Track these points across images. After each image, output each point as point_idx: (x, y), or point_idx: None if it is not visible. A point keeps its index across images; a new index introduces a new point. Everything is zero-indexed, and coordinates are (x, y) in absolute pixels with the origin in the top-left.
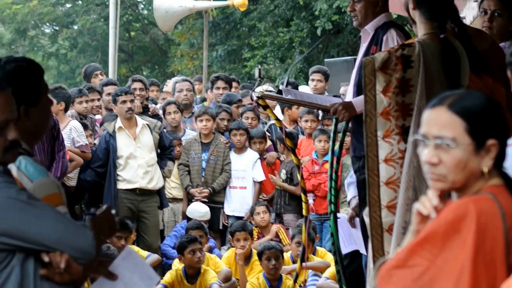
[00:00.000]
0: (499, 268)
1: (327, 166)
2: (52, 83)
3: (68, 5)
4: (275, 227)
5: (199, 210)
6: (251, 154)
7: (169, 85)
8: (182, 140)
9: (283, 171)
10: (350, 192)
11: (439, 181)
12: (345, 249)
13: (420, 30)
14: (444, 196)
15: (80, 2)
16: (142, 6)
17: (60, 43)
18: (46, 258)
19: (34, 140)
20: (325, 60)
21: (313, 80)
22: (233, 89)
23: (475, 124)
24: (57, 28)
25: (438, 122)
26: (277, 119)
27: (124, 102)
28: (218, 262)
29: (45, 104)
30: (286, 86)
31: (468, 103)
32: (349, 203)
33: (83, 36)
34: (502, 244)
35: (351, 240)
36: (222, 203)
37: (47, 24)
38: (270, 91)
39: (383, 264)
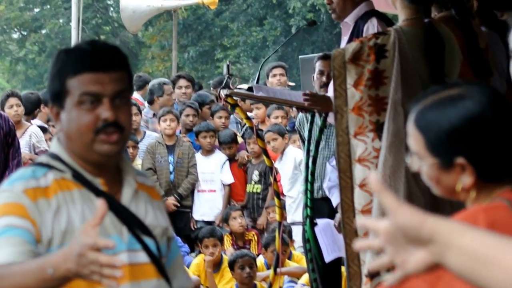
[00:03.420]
0: None
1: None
2: (20, 88)
3: (36, 10)
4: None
5: None
6: (219, 156)
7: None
8: (138, 144)
9: (256, 172)
10: (335, 197)
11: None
12: (328, 257)
13: (400, 16)
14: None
15: (48, 6)
16: (112, 9)
17: (28, 47)
18: None
19: None
20: (300, 56)
21: (275, 75)
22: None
23: (435, 141)
24: (24, 33)
25: (408, 131)
26: (247, 118)
27: None
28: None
29: None
30: (257, 82)
31: (435, 115)
32: (336, 208)
33: (51, 40)
34: None
35: (334, 247)
36: (190, 207)
37: (15, 29)
38: (240, 88)
39: (378, 286)
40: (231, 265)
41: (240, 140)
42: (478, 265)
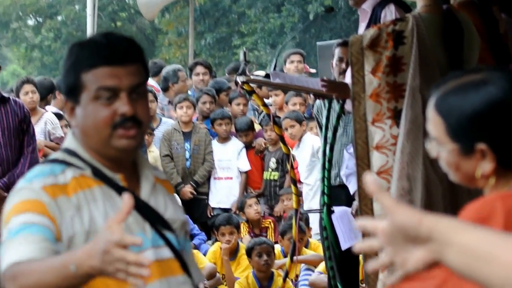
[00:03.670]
0: None
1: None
2: (36, 75)
3: None
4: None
5: None
6: (236, 143)
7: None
8: (154, 131)
9: (273, 160)
10: (352, 184)
11: (449, 175)
12: (344, 244)
13: (419, 2)
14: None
15: None
16: None
17: (44, 34)
18: None
19: None
20: (318, 43)
21: (292, 62)
22: None
23: (456, 126)
24: (40, 20)
25: (428, 116)
26: (264, 104)
27: None
28: (201, 257)
29: None
30: (274, 69)
31: (456, 100)
32: (353, 195)
33: (67, 26)
34: None
35: (351, 234)
36: (207, 194)
37: (30, 15)
38: (257, 75)
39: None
40: (249, 252)
41: (257, 127)
42: (477, 263)
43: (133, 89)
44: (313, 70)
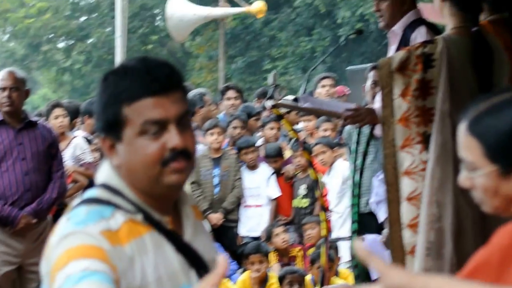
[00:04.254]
0: None
1: None
2: (66, 99)
3: (82, 18)
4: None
5: None
6: (264, 170)
7: None
8: None
9: (303, 186)
10: (382, 212)
11: (482, 205)
12: (374, 273)
13: (448, 24)
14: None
15: (95, 14)
16: (159, 18)
17: (74, 57)
18: None
19: None
20: (347, 68)
21: (324, 86)
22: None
23: (494, 146)
24: (71, 42)
25: (460, 141)
26: (293, 130)
27: None
28: (230, 287)
29: None
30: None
31: (492, 120)
32: (383, 223)
33: (98, 49)
34: None
35: None
36: (236, 221)
37: (61, 38)
38: (286, 99)
39: None
40: (280, 280)
41: (289, 153)
42: None
43: (180, 119)
44: (348, 91)
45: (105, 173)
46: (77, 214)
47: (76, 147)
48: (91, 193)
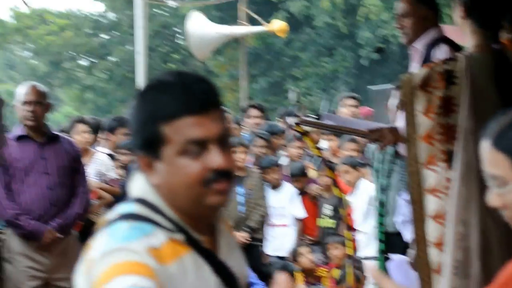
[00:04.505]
0: None
1: None
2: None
3: (104, 36)
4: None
5: None
6: (288, 189)
7: None
8: None
9: (328, 206)
10: (408, 231)
11: None
12: None
13: (469, 42)
14: None
15: (116, 33)
16: (180, 36)
17: (96, 75)
18: None
19: None
20: (369, 87)
21: (347, 105)
22: None
23: None
24: (93, 60)
25: (485, 158)
26: (316, 148)
27: None
28: None
29: None
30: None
31: None
32: (409, 243)
33: (120, 67)
34: None
35: (408, 283)
36: (261, 240)
37: (83, 55)
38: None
39: None
40: None
41: (314, 173)
42: None
43: (221, 138)
44: (372, 112)
45: (140, 187)
46: (118, 230)
47: (100, 164)
48: (127, 208)
